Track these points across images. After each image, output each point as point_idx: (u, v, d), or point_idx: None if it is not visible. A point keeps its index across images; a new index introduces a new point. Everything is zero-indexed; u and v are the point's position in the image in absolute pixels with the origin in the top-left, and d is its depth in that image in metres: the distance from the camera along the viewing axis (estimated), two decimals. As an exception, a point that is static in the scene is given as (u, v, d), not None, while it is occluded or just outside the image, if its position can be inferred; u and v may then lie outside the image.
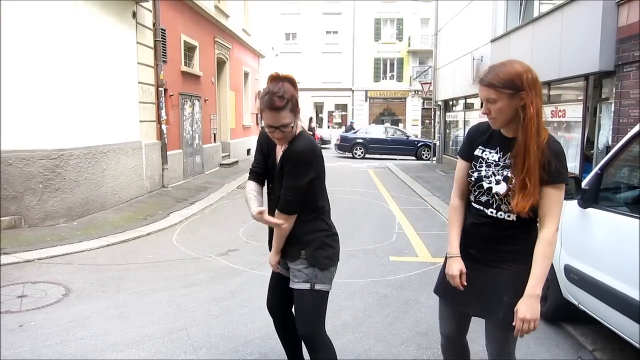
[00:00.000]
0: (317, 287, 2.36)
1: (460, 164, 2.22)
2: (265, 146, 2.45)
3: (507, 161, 2.05)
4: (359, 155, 21.15)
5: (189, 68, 11.79)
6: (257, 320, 3.75)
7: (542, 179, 1.94)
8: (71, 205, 6.91)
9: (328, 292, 2.41)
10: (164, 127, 9.97)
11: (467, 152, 2.19)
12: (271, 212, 2.35)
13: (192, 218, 7.81)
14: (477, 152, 2.15)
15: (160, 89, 9.80)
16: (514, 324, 1.97)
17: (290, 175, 2.27)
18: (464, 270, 2.11)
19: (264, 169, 2.46)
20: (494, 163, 2.08)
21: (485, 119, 2.13)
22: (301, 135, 2.32)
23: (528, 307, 1.94)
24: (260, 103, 2.24)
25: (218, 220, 7.72)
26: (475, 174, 2.12)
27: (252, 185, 2.45)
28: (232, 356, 3.24)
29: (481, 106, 2.08)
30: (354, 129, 23.73)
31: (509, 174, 2.01)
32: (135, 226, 6.91)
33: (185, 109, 11.51)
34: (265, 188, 2.50)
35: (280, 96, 2.18)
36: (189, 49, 12.05)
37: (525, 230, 2.06)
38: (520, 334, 1.98)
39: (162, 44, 9.92)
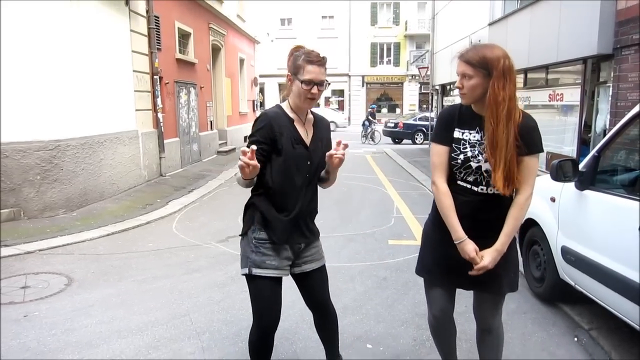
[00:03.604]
0: None
1: (439, 149, 2.24)
2: (279, 130, 2.22)
3: None
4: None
5: (183, 55, 11.72)
6: (259, 305, 3.80)
7: (521, 150, 2.09)
8: (70, 196, 6.91)
9: None
10: (160, 115, 9.93)
11: (445, 136, 2.23)
12: (308, 194, 2.34)
13: (191, 206, 7.84)
14: (457, 134, 2.21)
15: (155, 77, 9.74)
16: (473, 270, 2.14)
17: (330, 143, 2.37)
18: (477, 248, 2.16)
19: (265, 158, 2.24)
20: (478, 142, 2.16)
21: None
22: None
23: (492, 260, 2.13)
24: (296, 61, 2.22)
25: (217, 208, 7.74)
26: (462, 156, 2.18)
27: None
28: (235, 340, 3.29)
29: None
30: (374, 115, 22.55)
31: None
32: (135, 215, 6.93)
33: (181, 97, 11.46)
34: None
35: (319, 53, 2.23)
36: (184, 36, 11.96)
37: (509, 201, 2.18)
38: (473, 274, 2.16)
39: (156, 31, 9.84)
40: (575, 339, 3.39)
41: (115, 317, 3.65)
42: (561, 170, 3.27)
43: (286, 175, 2.26)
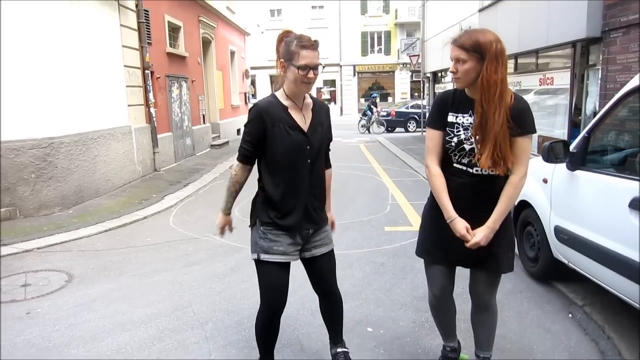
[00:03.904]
0: None
1: (433, 133, 2.31)
2: (271, 120, 2.27)
3: None
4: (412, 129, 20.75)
5: (174, 49, 11.66)
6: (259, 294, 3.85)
7: (513, 131, 2.15)
8: (65, 194, 6.92)
9: None
10: (152, 110, 9.91)
11: (439, 121, 2.30)
12: (312, 179, 2.37)
13: (186, 200, 7.86)
14: (451, 118, 2.27)
15: (146, 71, 9.71)
16: (468, 245, 2.20)
17: (330, 129, 2.48)
18: (468, 226, 2.22)
19: (254, 153, 2.35)
20: (471, 125, 2.22)
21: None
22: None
23: (485, 236, 2.20)
24: (289, 48, 2.23)
25: (213, 201, 7.75)
26: (455, 139, 2.24)
27: (239, 175, 2.40)
28: (237, 329, 3.35)
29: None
30: (375, 104, 22.25)
31: None
32: (131, 211, 6.95)
33: (172, 91, 11.43)
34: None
35: (310, 37, 2.26)
36: (174, 30, 11.90)
37: (505, 180, 2.23)
38: (470, 246, 2.22)
39: (146, 25, 9.78)
40: (570, 315, 3.48)
41: (118, 311, 3.69)
42: (552, 151, 3.34)
43: (286, 163, 2.31)
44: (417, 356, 2.98)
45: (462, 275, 2.57)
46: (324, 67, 2.34)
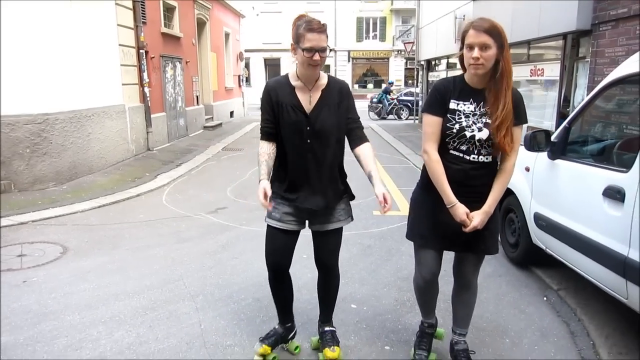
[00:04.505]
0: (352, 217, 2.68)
1: (433, 120, 2.34)
2: (278, 99, 2.42)
3: (482, 110, 2.29)
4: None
5: (169, 29, 11.64)
6: (249, 270, 4.00)
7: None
8: (59, 169, 6.98)
9: None
10: (146, 90, 9.94)
11: (439, 108, 2.34)
12: (314, 158, 2.44)
13: (179, 179, 7.96)
14: (452, 105, 2.32)
15: (141, 51, 9.71)
16: (467, 229, 2.32)
17: (354, 107, 2.52)
18: (468, 211, 2.33)
19: (274, 128, 2.48)
20: (472, 113, 2.30)
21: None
22: (329, 75, 2.53)
23: (481, 221, 2.32)
24: (297, 30, 2.31)
25: (205, 181, 7.87)
26: (457, 126, 2.30)
27: (265, 147, 2.50)
28: (227, 302, 3.49)
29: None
30: (391, 91, 22.07)
31: (488, 120, 2.27)
32: (125, 188, 7.04)
33: (167, 72, 11.43)
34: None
35: (319, 21, 2.32)
36: (168, 10, 11.86)
37: (496, 167, 2.36)
38: (468, 230, 2.33)
39: (141, 4, 9.76)
40: (545, 298, 3.65)
41: (111, 282, 3.82)
42: (535, 140, 3.47)
43: (289, 141, 2.46)
44: (398, 332, 3.14)
45: (446, 258, 2.67)
46: (331, 49, 2.40)
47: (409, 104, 20.72)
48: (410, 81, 31.46)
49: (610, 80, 3.19)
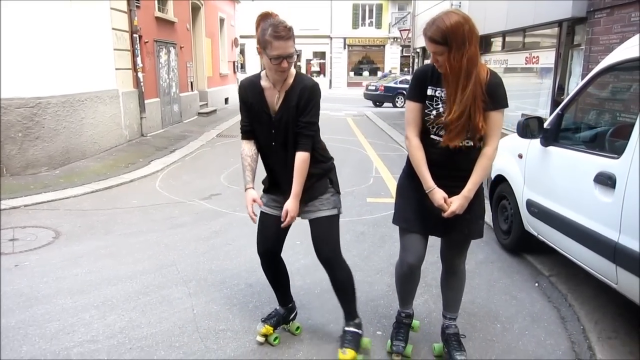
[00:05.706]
0: (340, 210, 2.66)
1: (413, 106, 2.38)
2: (248, 100, 2.46)
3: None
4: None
5: (163, 14, 11.50)
6: (242, 256, 4.01)
7: (487, 106, 2.24)
8: (52, 154, 6.94)
9: None
10: (140, 75, 9.85)
11: (418, 94, 2.37)
12: (279, 160, 2.47)
13: (173, 165, 7.93)
14: (430, 92, 2.35)
15: (134, 35, 9.60)
16: (446, 214, 2.33)
17: (313, 110, 2.39)
18: (446, 196, 2.34)
19: (252, 125, 2.51)
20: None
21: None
22: (298, 73, 2.46)
23: (460, 205, 2.32)
24: (264, 36, 2.26)
25: (199, 167, 7.85)
26: (434, 112, 2.33)
27: (247, 149, 2.53)
28: (220, 287, 3.50)
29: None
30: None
31: None
32: (118, 174, 7.01)
33: (161, 57, 11.32)
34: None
35: (285, 26, 2.26)
36: (163, -6, 11.72)
37: (478, 152, 2.35)
38: (447, 215, 2.34)
39: (135, -12, 9.63)
40: (536, 284, 3.69)
41: (104, 267, 3.82)
42: (528, 127, 3.48)
43: (260, 141, 2.54)
44: (390, 317, 3.14)
45: (436, 245, 2.70)
46: (297, 53, 2.40)
47: (404, 92, 20.72)
48: (406, 69, 31.38)
49: (602, 67, 3.19)
